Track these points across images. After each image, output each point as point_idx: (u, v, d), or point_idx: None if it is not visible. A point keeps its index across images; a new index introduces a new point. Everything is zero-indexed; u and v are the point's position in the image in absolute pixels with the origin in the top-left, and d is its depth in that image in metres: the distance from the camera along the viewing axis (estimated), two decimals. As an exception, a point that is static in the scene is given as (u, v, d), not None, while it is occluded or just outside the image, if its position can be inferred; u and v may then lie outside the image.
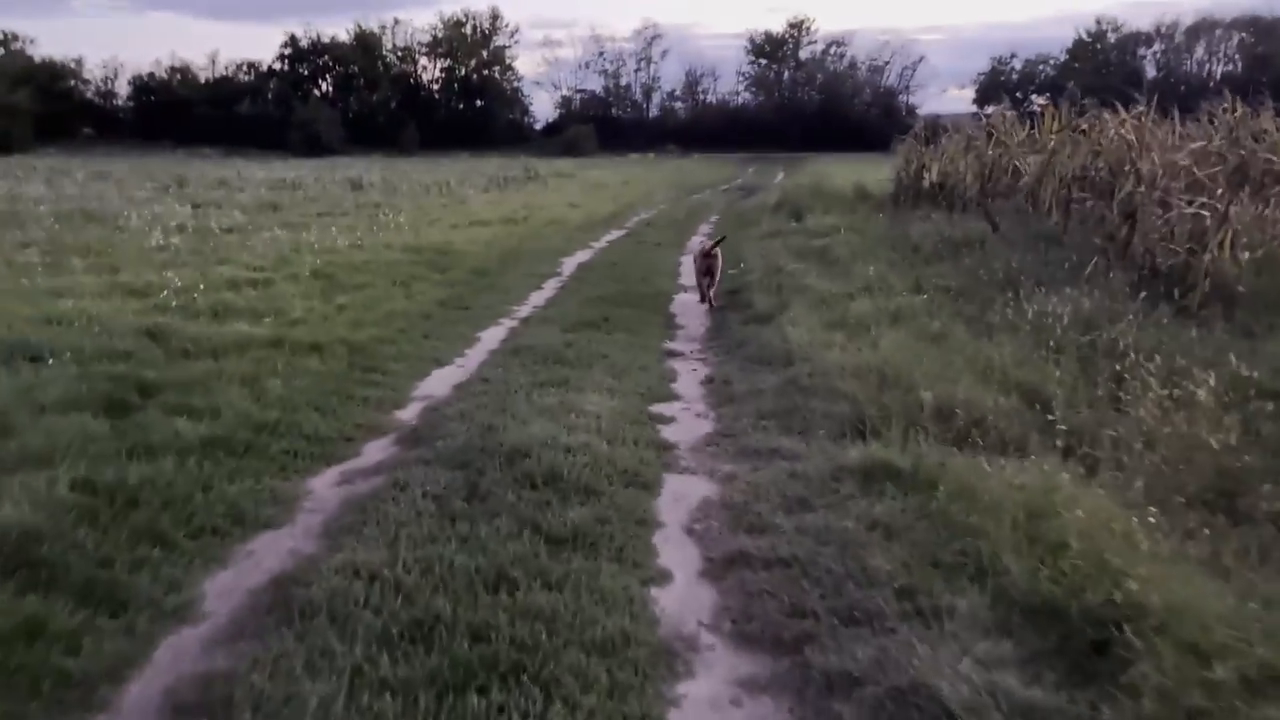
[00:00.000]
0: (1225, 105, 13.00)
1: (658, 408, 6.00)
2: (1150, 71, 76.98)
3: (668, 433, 5.53)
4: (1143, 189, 9.71)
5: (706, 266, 9.59)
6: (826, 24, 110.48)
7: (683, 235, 16.78)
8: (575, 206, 22.32)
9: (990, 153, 16.09)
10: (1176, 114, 12.90)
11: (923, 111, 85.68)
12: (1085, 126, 14.47)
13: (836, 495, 4.35)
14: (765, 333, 7.50)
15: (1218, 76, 73.55)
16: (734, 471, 4.83)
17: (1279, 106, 12.31)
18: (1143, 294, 7.66)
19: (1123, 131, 11.78)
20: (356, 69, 79.70)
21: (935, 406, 5.11)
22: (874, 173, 36.57)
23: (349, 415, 5.72)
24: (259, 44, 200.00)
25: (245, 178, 29.92)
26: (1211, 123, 12.89)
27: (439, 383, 6.61)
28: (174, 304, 8.29)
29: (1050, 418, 4.95)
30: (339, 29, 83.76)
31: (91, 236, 12.72)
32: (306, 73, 79.55)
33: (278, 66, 78.58)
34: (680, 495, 4.55)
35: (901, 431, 4.87)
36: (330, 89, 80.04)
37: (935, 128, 19.14)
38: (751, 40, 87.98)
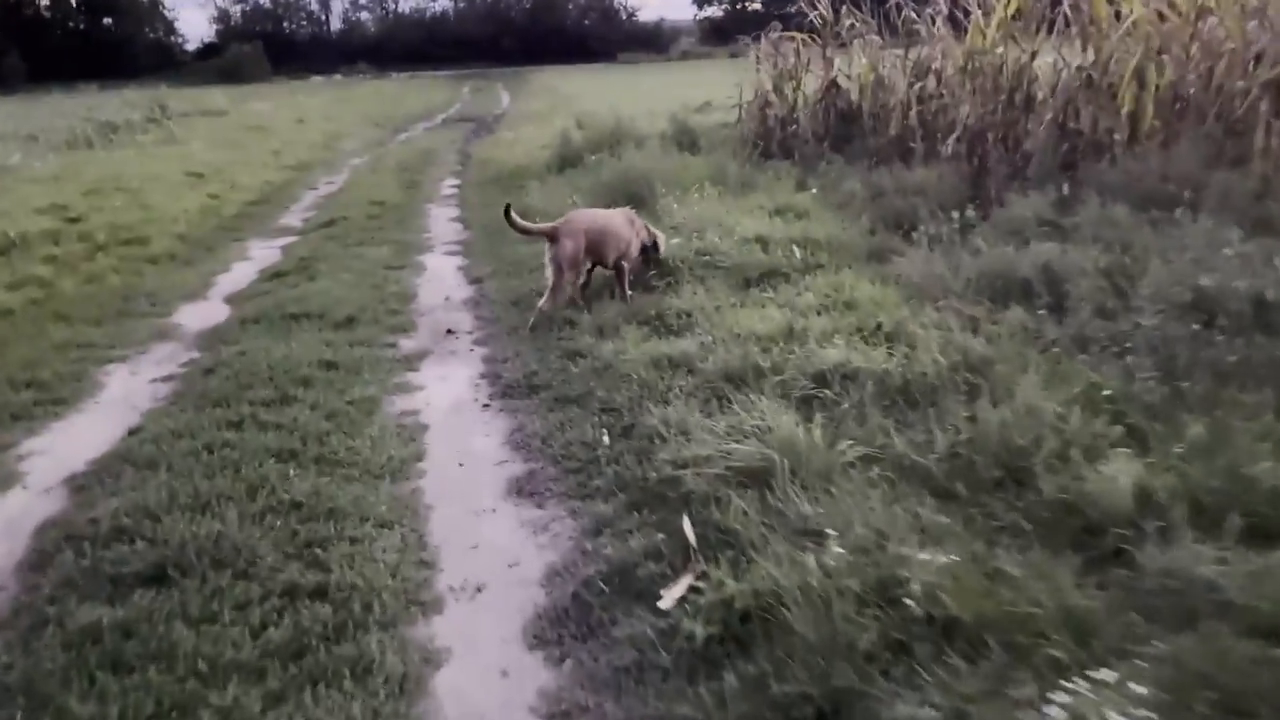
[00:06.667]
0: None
1: None
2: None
3: None
4: None
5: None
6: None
7: (406, 255, 8.27)
8: (198, 179, 12.80)
9: (946, 63, 8.88)
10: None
11: (642, 17, 79.69)
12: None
13: None
14: None
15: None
16: None
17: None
18: None
19: None
20: (-73, -20, 60.64)
21: None
22: (620, 89, 28.92)
23: None
24: None
25: None
26: None
27: None
28: None
29: None
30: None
31: None
32: None
33: None
34: None
35: None
36: (-109, 8, 60.61)
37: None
38: (444, -60, 77.00)
